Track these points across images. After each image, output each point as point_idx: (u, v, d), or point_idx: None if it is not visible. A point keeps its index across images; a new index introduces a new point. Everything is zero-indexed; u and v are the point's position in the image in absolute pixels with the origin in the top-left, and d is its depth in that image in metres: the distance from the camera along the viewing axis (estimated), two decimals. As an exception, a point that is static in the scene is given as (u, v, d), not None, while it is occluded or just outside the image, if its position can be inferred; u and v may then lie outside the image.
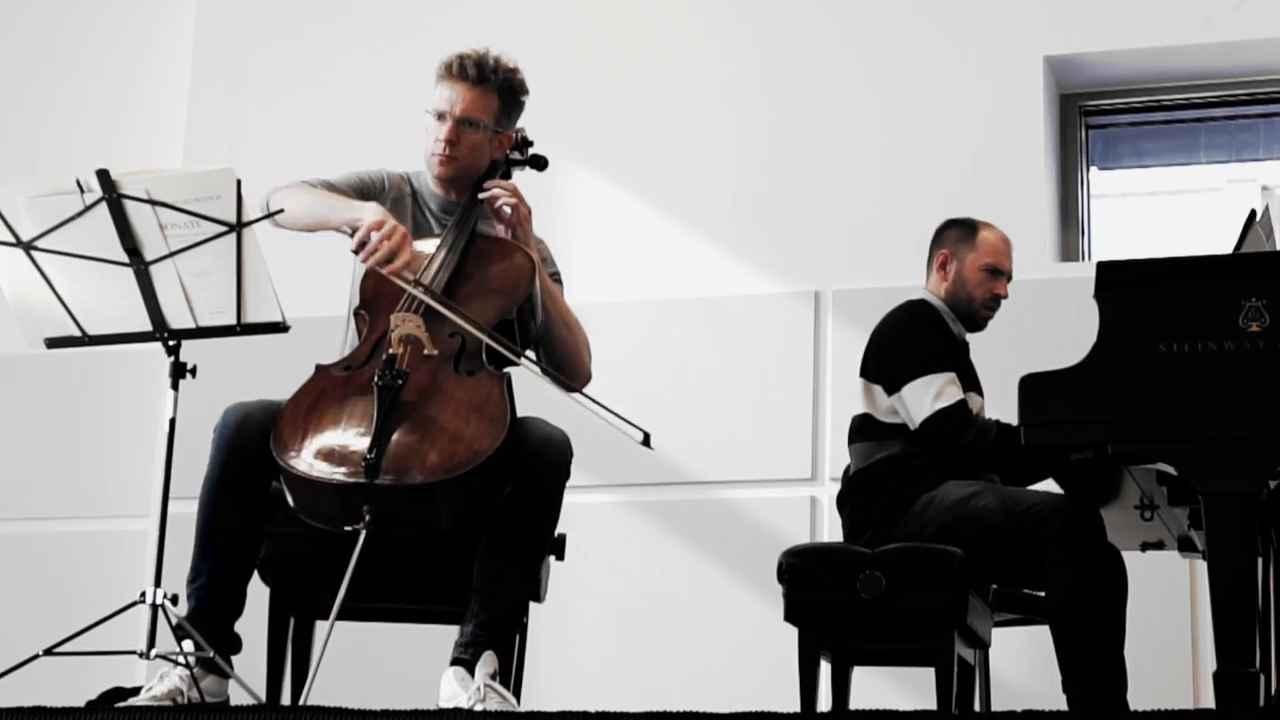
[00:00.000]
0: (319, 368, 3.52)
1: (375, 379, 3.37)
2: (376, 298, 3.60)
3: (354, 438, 3.32)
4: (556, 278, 3.82)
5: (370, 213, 3.57)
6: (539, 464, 3.42)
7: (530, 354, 3.69)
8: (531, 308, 3.69)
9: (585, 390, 3.68)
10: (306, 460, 3.31)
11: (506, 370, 3.54)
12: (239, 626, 3.50)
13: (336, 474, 3.28)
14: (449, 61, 3.75)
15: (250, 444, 3.42)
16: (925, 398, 3.95)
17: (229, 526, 3.45)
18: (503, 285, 3.63)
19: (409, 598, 3.67)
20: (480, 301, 3.58)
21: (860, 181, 5.67)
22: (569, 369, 3.75)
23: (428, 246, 3.67)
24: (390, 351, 3.43)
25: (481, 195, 3.71)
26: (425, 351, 3.43)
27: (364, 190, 3.77)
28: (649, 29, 5.98)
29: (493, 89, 3.76)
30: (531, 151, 3.91)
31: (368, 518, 3.22)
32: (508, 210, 3.66)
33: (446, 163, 3.76)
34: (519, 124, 3.89)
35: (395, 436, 3.31)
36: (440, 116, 3.75)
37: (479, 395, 3.41)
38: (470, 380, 3.45)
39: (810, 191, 5.70)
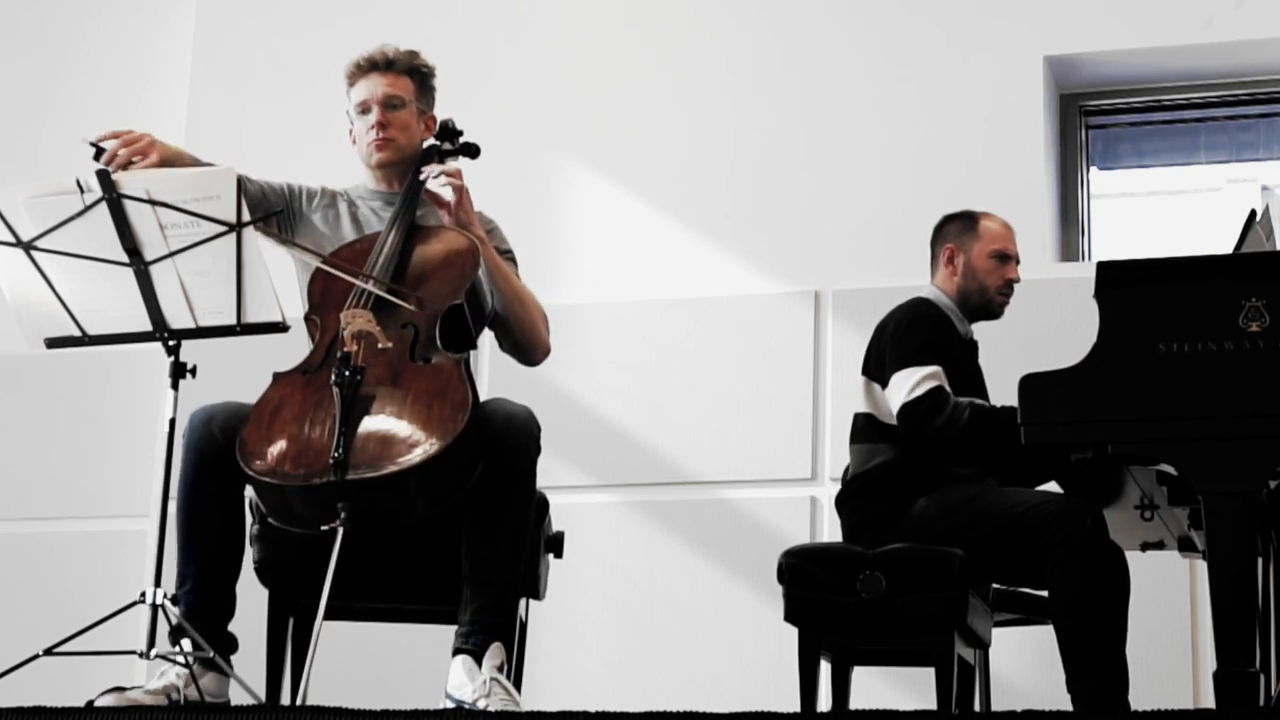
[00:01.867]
0: (276, 375, 3.51)
1: (333, 378, 3.38)
2: (325, 299, 3.61)
3: (319, 438, 3.33)
4: (510, 256, 3.82)
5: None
6: (506, 443, 3.43)
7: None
8: (476, 293, 3.68)
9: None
10: (274, 467, 3.32)
11: (464, 353, 3.55)
12: (238, 626, 3.50)
13: (307, 476, 3.29)
14: (353, 63, 3.85)
15: (218, 446, 3.43)
16: (902, 390, 3.94)
17: (208, 529, 3.47)
18: (448, 271, 3.63)
19: (407, 597, 3.68)
20: (427, 287, 3.59)
21: (860, 181, 5.66)
22: (526, 344, 3.78)
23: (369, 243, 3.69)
24: (345, 349, 3.43)
25: (420, 176, 3.73)
26: (379, 345, 3.44)
27: (285, 195, 3.82)
28: (648, 29, 5.98)
29: (402, 72, 3.86)
30: (462, 140, 3.93)
31: (343, 515, 3.23)
32: (447, 194, 3.67)
33: (384, 146, 3.80)
34: (448, 115, 3.94)
35: (360, 431, 3.32)
36: (364, 110, 3.83)
37: (438, 381, 3.42)
38: (428, 368, 3.45)
39: (810, 191, 5.70)
